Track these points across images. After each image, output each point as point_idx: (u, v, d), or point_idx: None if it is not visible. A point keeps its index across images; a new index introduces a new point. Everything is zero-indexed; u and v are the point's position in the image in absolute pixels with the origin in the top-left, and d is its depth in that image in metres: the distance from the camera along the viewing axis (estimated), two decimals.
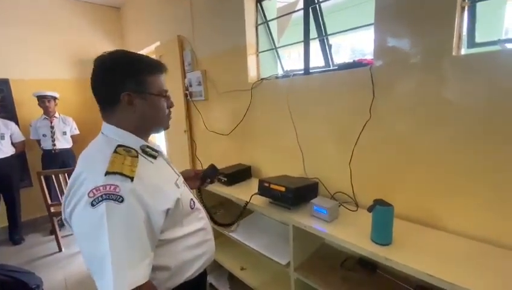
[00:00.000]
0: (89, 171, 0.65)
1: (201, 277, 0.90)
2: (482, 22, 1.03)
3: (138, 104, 0.74)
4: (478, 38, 1.04)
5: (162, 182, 0.75)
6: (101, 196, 0.60)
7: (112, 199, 0.60)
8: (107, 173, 0.62)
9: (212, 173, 1.20)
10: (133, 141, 0.75)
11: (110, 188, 0.61)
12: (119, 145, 0.70)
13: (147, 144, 0.78)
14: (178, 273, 0.78)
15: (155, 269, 0.69)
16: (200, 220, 0.87)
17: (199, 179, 1.18)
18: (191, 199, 0.84)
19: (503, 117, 0.90)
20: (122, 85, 0.72)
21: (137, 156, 0.70)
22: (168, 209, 0.71)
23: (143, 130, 0.78)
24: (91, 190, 0.61)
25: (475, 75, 0.94)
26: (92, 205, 0.60)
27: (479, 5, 1.00)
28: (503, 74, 0.88)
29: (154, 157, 0.77)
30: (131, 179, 0.64)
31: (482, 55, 0.94)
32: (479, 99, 0.94)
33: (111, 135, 0.74)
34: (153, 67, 0.76)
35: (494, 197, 0.95)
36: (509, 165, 0.90)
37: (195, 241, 0.83)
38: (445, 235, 1.02)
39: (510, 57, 0.88)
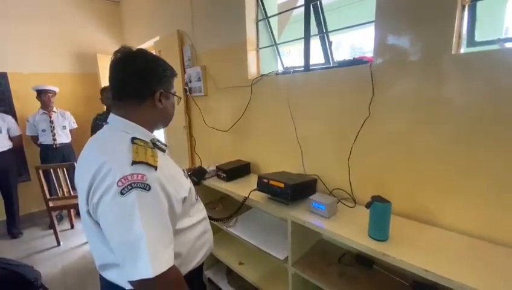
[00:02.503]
0: (113, 161, 0.66)
1: (200, 267, 0.94)
2: (482, 21, 1.04)
3: (164, 102, 0.81)
4: (478, 37, 1.05)
5: (175, 172, 0.79)
6: (130, 184, 0.62)
7: (140, 188, 0.63)
8: (133, 163, 0.65)
9: (199, 174, 1.21)
10: (145, 134, 0.78)
11: (137, 177, 0.63)
12: (134, 138, 0.71)
13: (157, 138, 0.82)
14: (187, 261, 0.82)
15: None
16: (202, 211, 0.93)
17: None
18: (195, 190, 0.90)
19: (501, 116, 0.91)
20: (158, 83, 0.78)
21: (154, 148, 0.73)
22: (184, 198, 0.76)
23: (154, 126, 0.83)
24: (119, 179, 0.62)
25: (474, 74, 0.95)
26: (122, 193, 0.62)
27: (479, 4, 1.01)
28: (502, 72, 0.89)
29: (164, 150, 0.81)
30: (155, 168, 0.67)
31: (482, 54, 0.95)
32: (477, 98, 0.95)
33: (122, 127, 0.76)
34: (174, 71, 0.85)
35: (489, 195, 0.96)
36: (506, 164, 0.91)
37: (199, 230, 0.88)
38: (441, 232, 1.04)
39: (509, 56, 0.89)
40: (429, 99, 1.06)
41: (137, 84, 0.76)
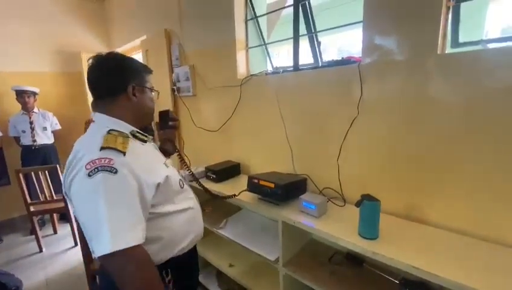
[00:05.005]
0: (86, 148, 0.72)
1: (192, 254, 0.97)
2: (465, 23, 1.07)
3: (138, 96, 0.87)
4: (461, 39, 1.08)
5: (151, 160, 0.84)
6: (97, 167, 0.67)
7: (107, 171, 0.67)
8: (102, 148, 0.70)
9: (164, 119, 1.14)
10: (124, 127, 0.83)
11: (104, 161, 0.68)
12: (111, 130, 0.77)
13: (137, 129, 0.86)
14: (168, 246, 0.85)
15: (148, 241, 0.75)
16: (189, 200, 0.96)
17: (161, 134, 1.19)
18: (180, 179, 0.93)
19: (484, 114, 0.93)
20: (129, 78, 0.85)
21: (128, 137, 0.79)
22: (158, 184, 0.78)
23: (136, 121, 0.88)
24: (88, 163, 0.68)
25: (458, 74, 0.97)
26: (89, 175, 0.67)
27: (462, 6, 1.03)
28: (485, 72, 0.91)
29: (144, 141, 0.86)
30: (124, 153, 0.72)
31: (465, 54, 0.97)
32: (461, 97, 0.97)
33: (104, 122, 0.81)
34: (147, 68, 0.93)
35: (476, 194, 0.98)
36: (491, 161, 0.94)
37: (185, 218, 0.90)
38: (430, 230, 1.05)
39: (492, 56, 0.91)
40: (416, 98, 1.07)
41: (108, 81, 0.83)
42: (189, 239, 0.91)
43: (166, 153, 1.16)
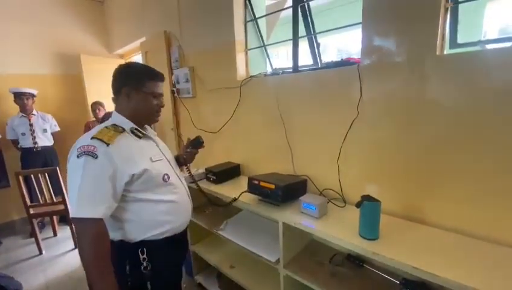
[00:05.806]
0: (84, 137, 0.91)
1: (171, 242, 1.04)
2: (464, 24, 1.07)
3: (133, 97, 1.00)
4: (460, 39, 1.08)
5: (136, 153, 0.95)
6: (84, 152, 0.85)
7: (90, 155, 0.84)
8: (92, 138, 0.88)
9: (196, 144, 1.39)
10: (126, 123, 0.99)
11: (89, 148, 0.86)
12: (112, 124, 0.96)
13: (136, 127, 1.01)
14: (140, 229, 0.97)
15: (124, 221, 0.95)
16: (173, 194, 1.04)
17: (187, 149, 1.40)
18: (165, 174, 1.02)
19: (484, 115, 0.94)
20: (125, 82, 0.99)
21: (121, 132, 0.94)
22: (133, 174, 0.91)
23: (135, 118, 1.02)
24: (79, 147, 0.86)
25: (457, 74, 0.97)
26: (78, 157, 0.85)
27: (461, 7, 1.04)
28: (484, 73, 0.92)
29: (139, 137, 1.00)
30: (107, 144, 0.87)
31: (464, 55, 0.98)
32: (461, 98, 0.98)
33: (113, 118, 1.01)
34: (152, 74, 1.03)
35: (474, 194, 0.99)
36: (489, 164, 0.94)
37: (163, 208, 1.00)
38: (429, 230, 1.06)
39: (490, 57, 0.92)
40: (415, 99, 1.08)
41: (112, 84, 1.01)
42: (164, 228, 1.00)
43: (179, 163, 1.32)
